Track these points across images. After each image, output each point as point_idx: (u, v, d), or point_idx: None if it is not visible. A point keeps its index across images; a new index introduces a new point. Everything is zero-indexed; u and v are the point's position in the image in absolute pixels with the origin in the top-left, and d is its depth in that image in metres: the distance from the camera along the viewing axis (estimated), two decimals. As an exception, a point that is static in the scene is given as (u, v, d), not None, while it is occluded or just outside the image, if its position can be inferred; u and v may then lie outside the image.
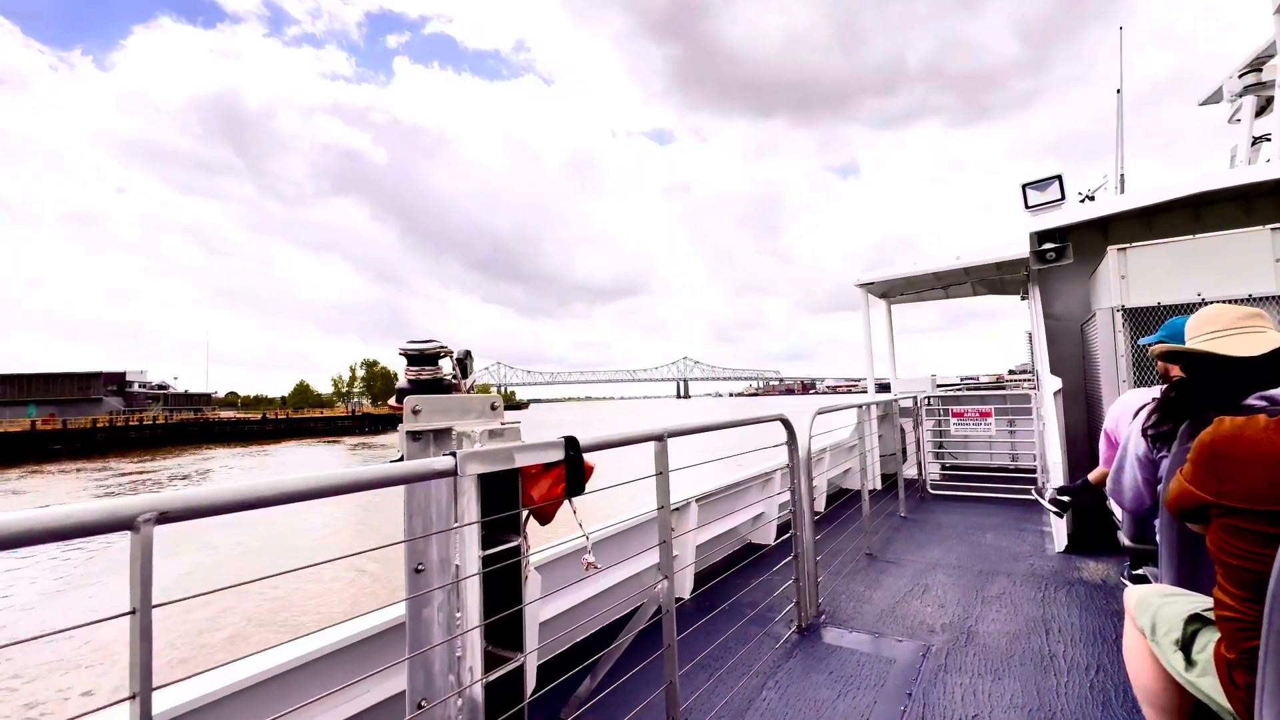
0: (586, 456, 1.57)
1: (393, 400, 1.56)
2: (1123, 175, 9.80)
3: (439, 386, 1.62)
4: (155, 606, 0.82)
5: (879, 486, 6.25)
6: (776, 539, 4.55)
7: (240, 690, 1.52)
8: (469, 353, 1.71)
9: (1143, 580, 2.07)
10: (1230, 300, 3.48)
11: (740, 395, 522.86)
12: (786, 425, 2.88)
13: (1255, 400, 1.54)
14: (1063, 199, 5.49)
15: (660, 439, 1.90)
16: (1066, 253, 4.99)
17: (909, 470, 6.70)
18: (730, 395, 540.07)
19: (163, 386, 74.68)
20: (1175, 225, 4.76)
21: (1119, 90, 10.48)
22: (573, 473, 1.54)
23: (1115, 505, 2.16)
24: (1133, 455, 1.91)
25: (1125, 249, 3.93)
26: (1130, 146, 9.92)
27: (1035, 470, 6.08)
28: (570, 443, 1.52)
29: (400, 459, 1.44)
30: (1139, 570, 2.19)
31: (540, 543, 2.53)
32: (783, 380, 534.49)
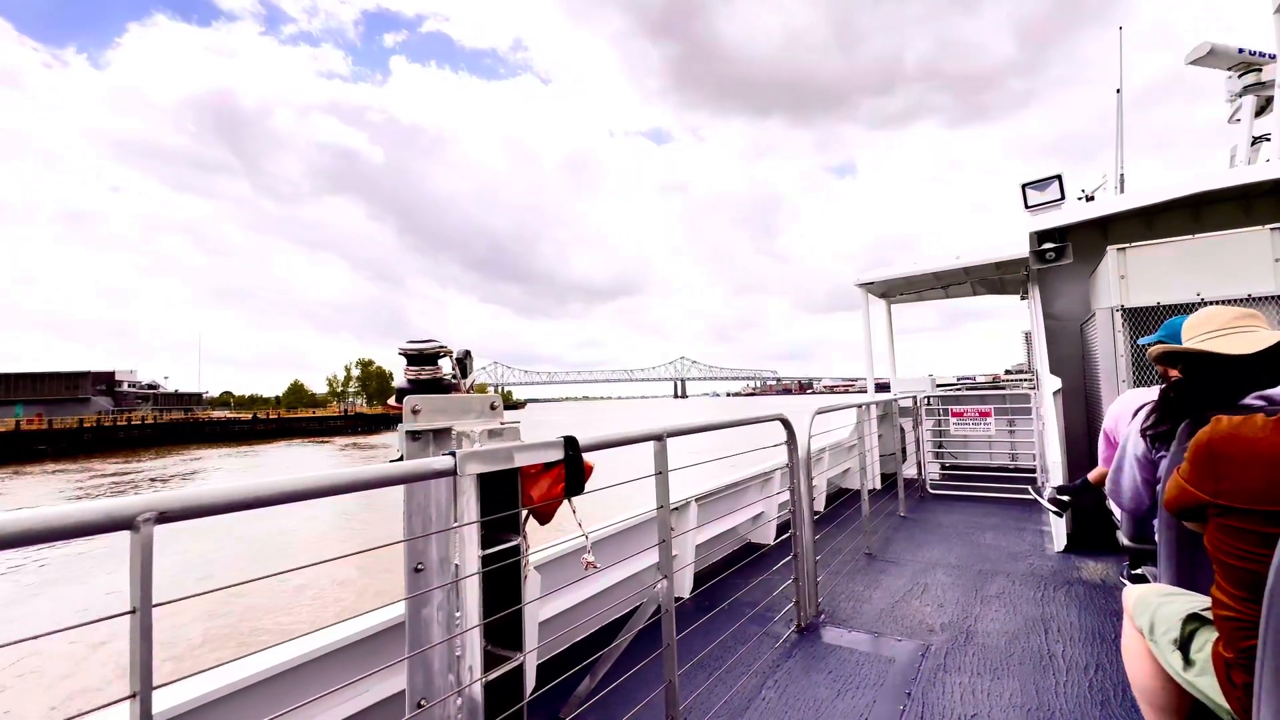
0: (586, 456, 1.57)
1: (392, 400, 1.56)
2: (1122, 175, 9.79)
3: (438, 386, 1.62)
4: (155, 606, 0.82)
5: (878, 486, 6.25)
6: (776, 539, 4.55)
7: (240, 689, 1.53)
8: (468, 352, 1.71)
9: (1141, 580, 2.07)
10: (1230, 300, 3.48)
11: (737, 395, 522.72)
12: (786, 425, 2.88)
13: (1253, 400, 1.54)
14: (1062, 199, 5.49)
15: (660, 439, 1.90)
16: (1066, 252, 5.00)
17: (908, 470, 6.71)
18: (727, 395, 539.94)
19: (153, 386, 74.16)
20: (1175, 225, 4.76)
21: (1119, 90, 10.47)
22: (572, 472, 1.54)
23: (1114, 505, 2.16)
24: (1131, 455, 1.91)
25: (1125, 249, 3.93)
26: (1128, 146, 9.91)
27: (1035, 470, 6.08)
28: (570, 442, 1.53)
29: (400, 458, 1.44)
30: (1138, 570, 2.19)
31: (540, 542, 2.53)
32: (780, 380, 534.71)
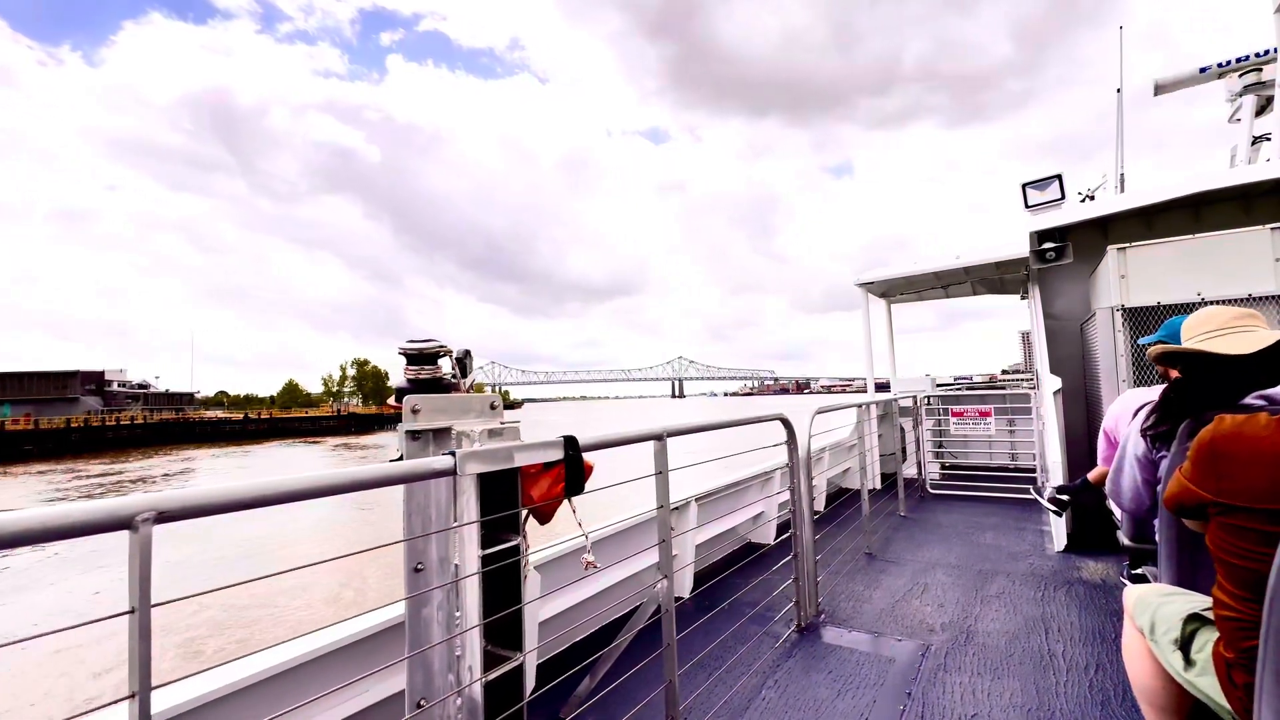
0: (586, 456, 1.57)
1: (392, 399, 1.55)
2: (1123, 175, 9.78)
3: (438, 386, 1.62)
4: (154, 606, 0.82)
5: (879, 486, 6.25)
6: (776, 538, 4.55)
7: (240, 689, 1.52)
8: (468, 352, 1.71)
9: (1142, 580, 2.06)
10: (1230, 300, 3.48)
11: (735, 395, 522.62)
12: (786, 425, 2.88)
13: (1253, 400, 1.53)
14: (1063, 198, 5.48)
15: (660, 438, 1.90)
16: (1066, 252, 4.99)
17: (908, 470, 6.71)
18: (725, 395, 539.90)
19: (143, 385, 73.14)
20: (1175, 225, 4.76)
21: (1119, 90, 10.47)
22: (572, 472, 1.54)
23: (1114, 505, 2.16)
24: (1132, 455, 1.91)
25: (1125, 248, 3.93)
26: (1126, 146, 9.91)
27: (1035, 470, 6.08)
28: (570, 442, 1.52)
29: (400, 458, 1.44)
30: (1138, 570, 2.19)
31: (540, 542, 2.53)
32: (777, 380, 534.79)
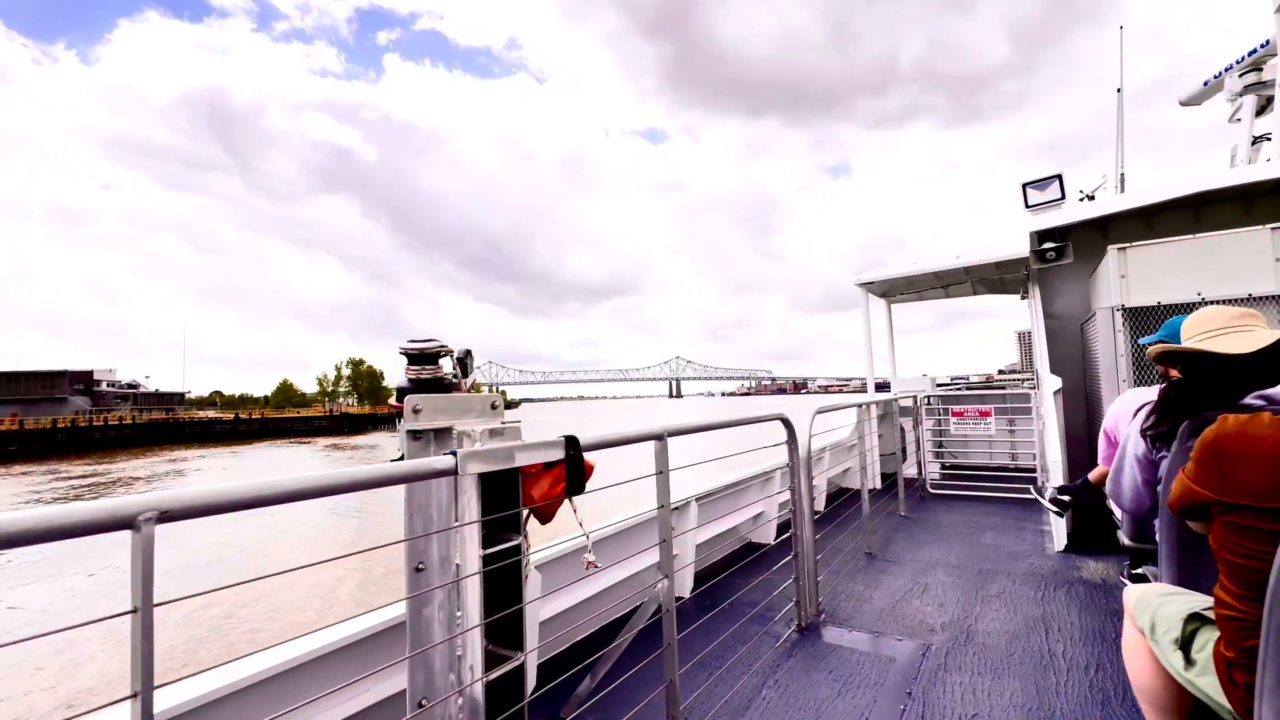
0: (586, 456, 1.57)
1: (393, 399, 1.56)
2: (1123, 174, 9.79)
3: (440, 386, 1.62)
4: (156, 605, 0.82)
5: (879, 486, 6.25)
6: (776, 538, 4.55)
7: (241, 689, 1.53)
8: (469, 352, 1.71)
9: (1142, 579, 2.06)
10: (1230, 300, 3.48)
11: (732, 395, 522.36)
12: (786, 424, 2.88)
13: (1254, 400, 1.54)
14: (1063, 198, 5.48)
15: (660, 438, 1.90)
16: (1066, 252, 4.99)
17: (909, 469, 6.71)
18: (723, 395, 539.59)
19: (133, 385, 72.68)
20: (1175, 225, 4.76)
21: (1119, 90, 10.47)
22: (573, 472, 1.54)
23: (1114, 505, 2.16)
24: (1132, 455, 1.91)
25: (1125, 248, 3.93)
26: (1125, 146, 9.92)
27: (1035, 469, 6.08)
28: (570, 442, 1.52)
29: (400, 458, 1.44)
30: (1138, 569, 2.19)
31: (540, 542, 2.53)
32: (775, 380, 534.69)
